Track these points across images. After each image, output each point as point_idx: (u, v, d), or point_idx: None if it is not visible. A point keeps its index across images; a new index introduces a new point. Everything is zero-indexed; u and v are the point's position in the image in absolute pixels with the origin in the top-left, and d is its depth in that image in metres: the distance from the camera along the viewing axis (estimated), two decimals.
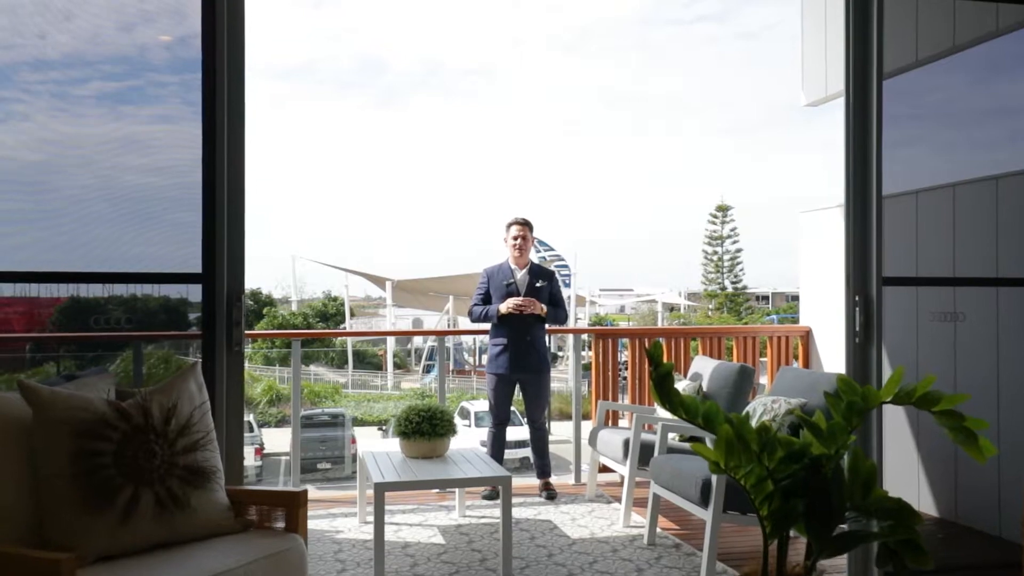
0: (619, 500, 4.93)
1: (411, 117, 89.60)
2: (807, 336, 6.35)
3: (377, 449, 4.56)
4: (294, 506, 2.40)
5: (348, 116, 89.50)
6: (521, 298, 5.30)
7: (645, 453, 4.64)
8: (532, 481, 5.53)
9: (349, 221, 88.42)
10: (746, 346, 6.25)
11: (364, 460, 4.35)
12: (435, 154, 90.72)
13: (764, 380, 6.49)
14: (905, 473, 4.89)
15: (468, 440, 4.85)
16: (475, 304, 5.49)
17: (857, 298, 3.37)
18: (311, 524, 4.69)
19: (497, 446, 5.43)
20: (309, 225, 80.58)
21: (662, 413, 4.78)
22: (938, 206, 4.85)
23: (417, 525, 4.66)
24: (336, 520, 4.80)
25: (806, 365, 6.31)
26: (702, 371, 5.15)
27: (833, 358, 6.08)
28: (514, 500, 5.14)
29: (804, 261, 6.53)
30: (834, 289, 6.09)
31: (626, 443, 4.74)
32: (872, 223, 3.33)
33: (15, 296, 3.43)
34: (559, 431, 20.53)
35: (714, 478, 3.66)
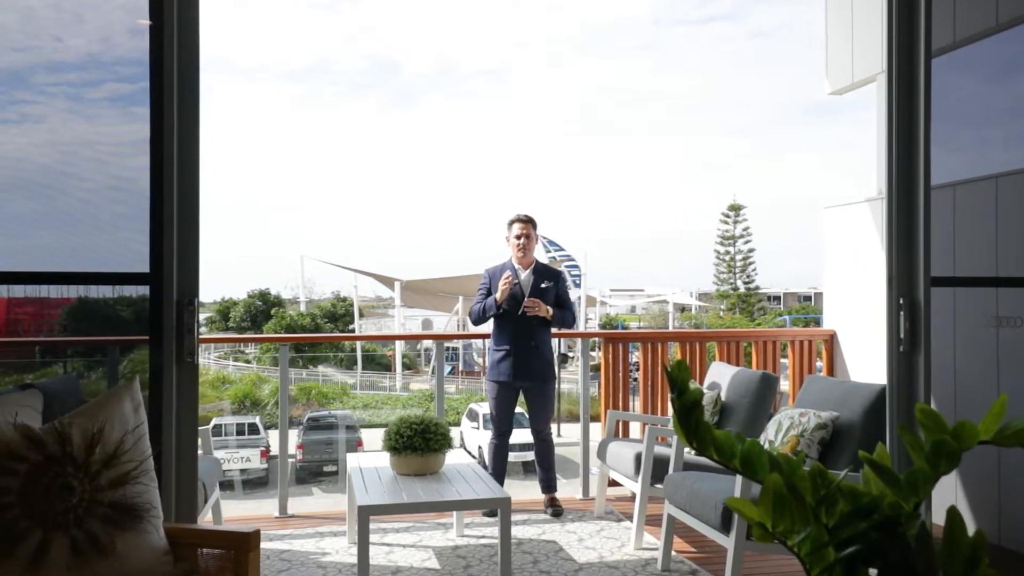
0: (630, 518, 4.53)
1: (421, 118, 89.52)
2: (831, 340, 5.94)
3: (366, 464, 4.19)
4: (244, 550, 2.02)
5: (357, 116, 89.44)
6: (526, 299, 4.91)
7: (658, 468, 4.24)
8: (536, 494, 5.14)
9: (358, 221, 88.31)
10: (766, 350, 5.85)
11: (351, 476, 3.98)
12: (445, 154, 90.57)
13: (784, 385, 6.08)
14: (941, 489, 4.48)
15: (477, 442, 4.47)
16: (475, 304, 5.11)
17: (902, 301, 2.98)
18: (297, 544, 4.33)
19: (499, 460, 5.05)
20: (318, 225, 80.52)
21: None
22: (979, 200, 4.45)
23: (410, 546, 4.28)
24: (323, 540, 4.42)
25: (830, 371, 5.89)
26: (720, 379, 4.75)
27: (860, 364, 5.66)
28: (517, 516, 4.76)
29: (828, 260, 6.10)
30: (861, 290, 5.68)
31: (638, 457, 4.35)
32: (919, 216, 2.94)
33: (28, 296, 3.32)
34: (568, 433, 20.19)
35: None
